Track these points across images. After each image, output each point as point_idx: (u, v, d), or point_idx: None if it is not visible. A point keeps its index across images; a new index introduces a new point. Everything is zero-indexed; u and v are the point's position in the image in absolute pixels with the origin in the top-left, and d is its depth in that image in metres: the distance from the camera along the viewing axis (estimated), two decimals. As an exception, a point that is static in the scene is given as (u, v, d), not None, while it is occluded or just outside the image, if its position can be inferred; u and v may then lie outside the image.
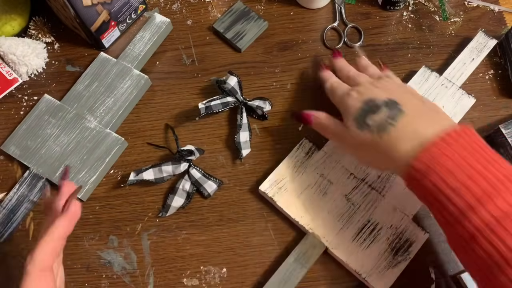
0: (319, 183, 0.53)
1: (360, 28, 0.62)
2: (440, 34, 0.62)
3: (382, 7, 0.63)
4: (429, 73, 0.57)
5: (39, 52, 0.61)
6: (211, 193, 0.54)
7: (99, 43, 0.61)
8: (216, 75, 0.61)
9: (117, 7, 0.59)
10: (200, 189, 0.54)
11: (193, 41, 0.63)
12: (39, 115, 0.58)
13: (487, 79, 0.59)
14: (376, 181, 0.53)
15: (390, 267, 0.49)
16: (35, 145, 0.56)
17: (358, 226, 0.51)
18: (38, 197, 0.55)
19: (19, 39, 0.60)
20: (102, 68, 0.60)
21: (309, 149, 0.54)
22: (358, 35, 0.62)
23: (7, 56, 0.59)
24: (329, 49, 0.62)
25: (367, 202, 0.52)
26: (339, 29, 0.63)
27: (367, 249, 0.50)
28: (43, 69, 0.62)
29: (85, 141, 0.56)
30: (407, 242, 0.50)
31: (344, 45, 0.62)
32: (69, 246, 0.53)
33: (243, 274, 0.52)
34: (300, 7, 0.64)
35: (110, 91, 0.58)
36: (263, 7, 0.64)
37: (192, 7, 0.65)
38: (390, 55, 0.61)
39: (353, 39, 0.62)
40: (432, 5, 0.64)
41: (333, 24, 0.63)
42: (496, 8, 0.63)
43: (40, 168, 0.55)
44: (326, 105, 0.53)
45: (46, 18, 0.64)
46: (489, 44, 0.59)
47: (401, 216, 0.51)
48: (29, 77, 0.61)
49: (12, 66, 0.60)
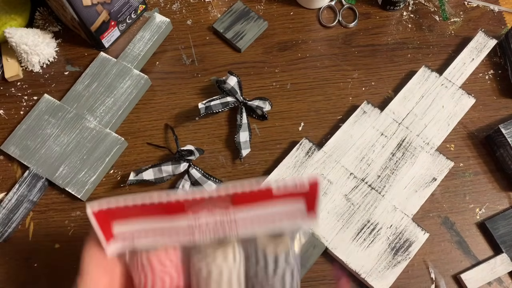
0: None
1: (356, 10, 0.63)
2: (440, 34, 0.62)
3: (382, 7, 0.63)
4: (429, 73, 0.57)
5: (48, 41, 0.61)
6: (211, 193, 0.54)
7: (99, 43, 0.61)
8: (216, 75, 0.61)
9: (117, 7, 0.59)
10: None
11: (193, 41, 0.63)
12: (39, 115, 0.58)
13: (487, 79, 0.59)
14: (376, 181, 0.53)
15: (390, 267, 0.49)
16: (35, 145, 0.56)
17: (358, 226, 0.51)
18: (38, 197, 0.55)
19: (29, 30, 0.60)
20: (102, 68, 0.60)
21: (309, 149, 0.54)
22: (353, 16, 0.63)
23: (19, 47, 0.59)
24: (325, 27, 0.62)
25: (367, 202, 0.52)
26: (335, 8, 0.63)
27: (367, 249, 0.50)
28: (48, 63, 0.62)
29: (85, 141, 0.56)
30: (407, 242, 0.50)
31: (338, 24, 0.63)
32: (72, 248, 0.53)
33: (243, 274, 0.52)
34: (300, 7, 0.64)
35: (110, 91, 0.58)
36: (263, 7, 0.64)
37: (192, 7, 0.65)
38: (390, 55, 0.61)
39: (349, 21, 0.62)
40: (432, 5, 0.64)
41: (330, 3, 0.64)
42: (496, 8, 0.63)
43: (40, 168, 0.55)
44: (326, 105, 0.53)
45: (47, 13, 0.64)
46: (489, 44, 0.59)
47: (401, 216, 0.51)
48: (41, 67, 0.62)
49: (24, 56, 0.60)
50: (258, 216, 0.35)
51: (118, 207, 0.33)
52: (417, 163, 0.53)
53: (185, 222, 0.35)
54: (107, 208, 0.33)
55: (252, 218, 0.35)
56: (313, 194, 0.35)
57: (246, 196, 0.34)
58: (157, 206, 0.34)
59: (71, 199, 0.55)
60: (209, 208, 0.35)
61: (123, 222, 0.35)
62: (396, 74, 0.60)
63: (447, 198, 0.54)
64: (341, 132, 0.55)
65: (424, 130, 0.55)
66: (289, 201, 0.36)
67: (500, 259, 0.50)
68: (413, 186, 0.52)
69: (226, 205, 0.35)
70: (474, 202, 0.54)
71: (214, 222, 0.34)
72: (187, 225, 0.34)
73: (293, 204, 0.36)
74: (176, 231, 0.35)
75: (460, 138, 0.56)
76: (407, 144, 0.54)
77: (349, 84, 0.60)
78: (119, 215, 0.35)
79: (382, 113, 0.56)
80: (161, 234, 0.35)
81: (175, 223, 0.35)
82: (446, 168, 0.53)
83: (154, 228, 0.35)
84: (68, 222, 0.54)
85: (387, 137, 0.54)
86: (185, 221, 0.35)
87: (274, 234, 0.36)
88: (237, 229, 0.35)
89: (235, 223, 0.35)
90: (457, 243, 0.52)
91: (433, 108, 0.56)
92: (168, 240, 0.35)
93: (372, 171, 0.53)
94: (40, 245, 0.53)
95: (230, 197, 0.34)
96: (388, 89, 0.59)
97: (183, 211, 0.35)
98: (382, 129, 0.55)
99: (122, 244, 0.35)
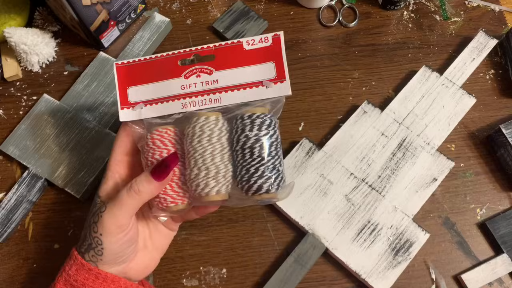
0: (319, 183, 0.52)
1: (356, 9, 0.63)
2: (441, 33, 0.62)
3: (382, 7, 0.63)
4: (429, 73, 0.57)
5: (47, 41, 0.61)
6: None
7: (98, 42, 0.61)
8: (216, 75, 0.61)
9: (117, 7, 0.58)
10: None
11: (193, 41, 0.63)
12: (38, 115, 0.58)
13: (488, 79, 0.59)
14: (377, 181, 0.52)
15: (390, 268, 0.49)
16: (34, 145, 0.56)
17: (358, 226, 0.51)
18: (37, 197, 0.55)
19: (28, 29, 0.60)
20: (101, 67, 0.60)
21: (309, 149, 0.54)
22: (354, 15, 0.63)
23: (18, 47, 0.58)
24: (325, 27, 0.62)
25: (367, 203, 0.51)
26: (335, 7, 0.63)
27: (367, 249, 0.50)
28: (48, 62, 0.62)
29: (84, 141, 0.56)
30: (407, 242, 0.50)
31: (339, 24, 0.62)
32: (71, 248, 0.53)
33: (243, 275, 0.51)
34: (300, 7, 0.64)
35: (110, 91, 0.58)
36: (263, 6, 0.64)
37: (191, 7, 0.65)
38: (390, 55, 0.61)
39: (349, 21, 0.62)
40: (433, 5, 0.63)
41: (331, 3, 0.63)
42: (497, 8, 0.63)
43: (39, 168, 0.55)
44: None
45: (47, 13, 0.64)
46: (489, 44, 0.59)
47: (401, 216, 0.51)
48: (40, 67, 0.61)
49: (24, 56, 0.60)
50: (235, 74, 0.41)
51: (135, 62, 0.43)
52: (417, 163, 0.53)
53: (178, 83, 0.42)
54: (128, 63, 0.43)
55: (230, 77, 0.41)
56: (277, 48, 0.41)
57: (225, 53, 0.41)
58: (161, 63, 0.42)
59: (70, 199, 0.55)
60: (197, 73, 0.42)
61: (135, 86, 0.43)
62: (396, 74, 0.60)
63: (447, 198, 0.54)
64: (341, 132, 0.55)
65: (425, 130, 0.55)
66: (260, 63, 0.41)
67: (501, 259, 0.50)
68: (413, 186, 0.52)
69: (209, 70, 0.42)
70: (475, 202, 0.53)
71: (200, 82, 0.42)
72: (179, 86, 0.42)
73: (264, 64, 0.41)
74: (171, 106, 0.42)
75: (460, 138, 0.56)
76: (407, 144, 0.54)
77: (350, 84, 0.59)
78: (132, 77, 0.43)
79: (383, 113, 0.55)
80: (161, 109, 0.42)
81: (171, 83, 0.42)
82: (446, 168, 0.53)
83: (156, 94, 0.42)
84: (67, 222, 0.54)
85: (387, 137, 0.54)
86: (178, 82, 0.42)
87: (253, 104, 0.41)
88: (220, 99, 0.41)
89: (217, 82, 0.41)
90: (457, 244, 0.52)
91: (434, 108, 0.56)
92: (165, 110, 0.42)
93: (372, 171, 0.53)
94: (39, 246, 0.53)
95: (213, 51, 0.42)
96: (389, 89, 0.59)
97: (178, 75, 0.42)
98: (383, 129, 0.55)
99: (133, 112, 0.42)
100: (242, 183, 0.39)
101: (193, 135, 0.40)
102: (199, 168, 0.39)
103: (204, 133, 0.39)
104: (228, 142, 0.40)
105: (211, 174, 0.39)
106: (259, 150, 0.39)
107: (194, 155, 0.40)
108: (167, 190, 0.40)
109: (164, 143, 0.41)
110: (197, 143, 0.39)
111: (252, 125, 0.39)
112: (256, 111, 0.40)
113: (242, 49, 0.41)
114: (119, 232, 0.39)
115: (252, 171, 0.39)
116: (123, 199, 0.38)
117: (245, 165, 0.39)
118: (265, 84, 0.41)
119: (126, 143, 0.42)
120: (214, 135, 0.40)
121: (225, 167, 0.40)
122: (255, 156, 0.39)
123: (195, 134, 0.40)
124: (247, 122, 0.40)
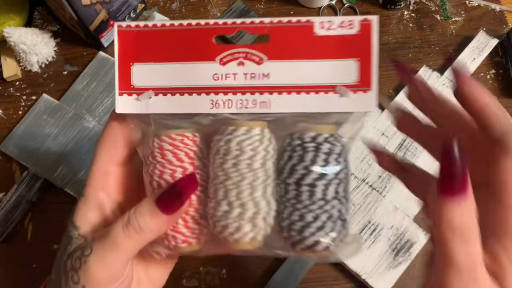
0: (320, 184, 0.52)
1: (357, 9, 0.63)
2: (441, 33, 0.62)
3: (382, 6, 0.63)
4: (430, 72, 0.57)
5: (47, 41, 0.61)
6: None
7: (98, 42, 0.61)
8: (216, 74, 0.60)
9: (116, 6, 0.58)
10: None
11: (193, 41, 0.63)
12: (37, 115, 0.57)
13: (489, 78, 0.59)
14: (377, 181, 0.52)
15: (390, 268, 0.49)
16: (33, 145, 0.56)
17: (359, 227, 0.50)
18: (36, 198, 0.55)
19: (27, 29, 0.59)
20: (101, 67, 0.59)
21: (310, 149, 0.54)
22: (354, 15, 0.63)
23: (18, 46, 0.58)
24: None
25: (368, 203, 0.51)
26: (335, 7, 0.63)
27: (367, 250, 0.49)
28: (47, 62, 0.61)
29: (83, 141, 0.56)
30: (408, 243, 0.50)
31: None
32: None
33: (243, 275, 0.51)
34: (300, 6, 0.64)
35: (109, 91, 0.58)
36: (263, 6, 0.64)
37: (191, 6, 0.65)
38: (391, 55, 0.61)
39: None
40: (433, 4, 0.63)
41: (331, 2, 0.63)
42: (498, 8, 0.63)
43: (38, 168, 0.55)
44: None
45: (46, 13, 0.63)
46: (490, 44, 0.59)
47: (402, 216, 0.51)
48: (39, 67, 0.61)
49: (23, 56, 0.60)
50: (294, 69, 0.28)
51: (147, 27, 0.29)
52: (418, 163, 0.53)
53: (210, 69, 0.29)
54: (137, 27, 0.29)
55: (289, 73, 0.28)
56: (366, 40, 0.27)
57: (285, 35, 0.28)
58: (187, 35, 0.29)
59: (70, 199, 0.55)
60: (240, 59, 0.29)
61: (143, 64, 0.30)
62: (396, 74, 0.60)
63: (448, 199, 0.53)
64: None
65: (425, 130, 0.55)
66: (337, 58, 0.28)
67: (501, 260, 0.50)
68: (414, 186, 0.52)
69: (259, 58, 0.29)
70: (475, 203, 0.53)
71: (243, 73, 0.29)
72: (211, 74, 0.29)
73: (343, 61, 0.28)
74: (195, 103, 0.29)
75: (461, 138, 0.56)
76: (408, 144, 0.54)
77: (350, 83, 0.59)
78: (141, 50, 0.30)
79: (383, 113, 0.55)
80: (179, 103, 0.29)
81: (200, 68, 0.29)
82: (447, 169, 0.53)
83: (175, 80, 0.29)
84: (67, 222, 0.54)
85: (388, 137, 0.54)
86: (210, 68, 0.29)
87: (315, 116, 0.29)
88: (269, 103, 0.28)
89: (268, 78, 0.28)
90: (458, 244, 0.52)
91: (434, 108, 0.55)
92: (185, 106, 0.29)
93: (373, 171, 0.53)
94: (39, 246, 0.53)
95: (268, 30, 0.28)
96: (389, 89, 0.59)
97: (211, 58, 0.29)
98: (383, 129, 0.55)
99: (137, 103, 0.29)
100: (290, 232, 0.28)
101: (226, 153, 0.28)
102: (231, 203, 0.28)
103: (243, 153, 0.28)
104: (274, 169, 0.29)
105: (247, 215, 0.28)
106: (323, 190, 0.27)
107: (225, 183, 0.28)
108: (178, 225, 0.29)
109: (179, 157, 0.29)
110: (232, 166, 0.28)
111: (317, 152, 0.28)
112: (322, 131, 0.28)
113: (312, 33, 0.28)
114: (111, 282, 0.27)
115: (309, 219, 0.27)
116: (118, 239, 0.27)
117: (300, 208, 0.28)
118: (340, 91, 0.28)
119: (119, 146, 0.30)
120: (257, 157, 0.28)
121: (267, 205, 0.28)
122: (316, 198, 0.27)
123: (229, 152, 0.28)
124: (310, 146, 0.28)
